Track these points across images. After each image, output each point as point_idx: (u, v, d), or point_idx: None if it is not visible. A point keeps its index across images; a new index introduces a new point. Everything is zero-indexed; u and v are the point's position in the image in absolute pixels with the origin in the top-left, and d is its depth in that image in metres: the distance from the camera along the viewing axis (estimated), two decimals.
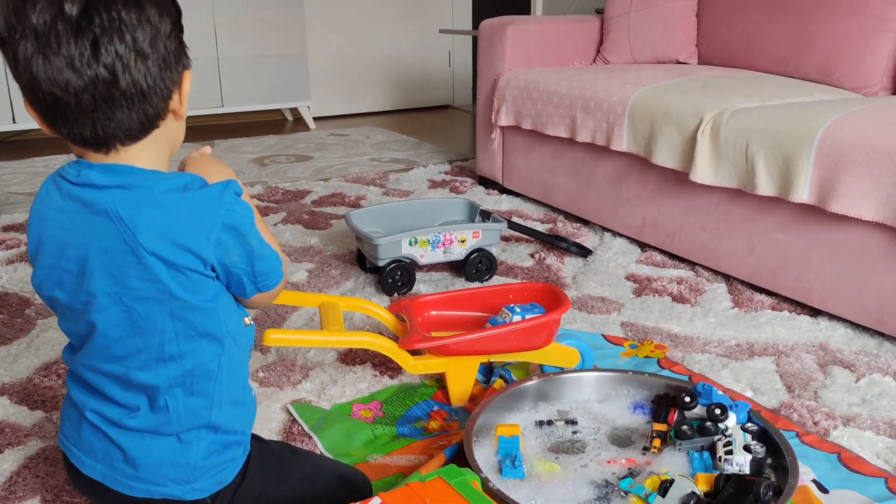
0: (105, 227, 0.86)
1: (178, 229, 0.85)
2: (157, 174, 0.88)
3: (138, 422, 0.91)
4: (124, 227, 0.85)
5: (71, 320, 0.92)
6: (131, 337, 0.89)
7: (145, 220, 0.85)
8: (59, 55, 0.79)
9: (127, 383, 0.91)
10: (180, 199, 0.86)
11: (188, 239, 0.86)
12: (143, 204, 0.85)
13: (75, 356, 0.94)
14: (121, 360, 0.90)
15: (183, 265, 0.86)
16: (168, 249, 0.85)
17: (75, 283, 0.88)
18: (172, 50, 0.86)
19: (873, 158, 1.49)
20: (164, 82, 0.86)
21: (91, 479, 0.94)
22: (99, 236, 0.86)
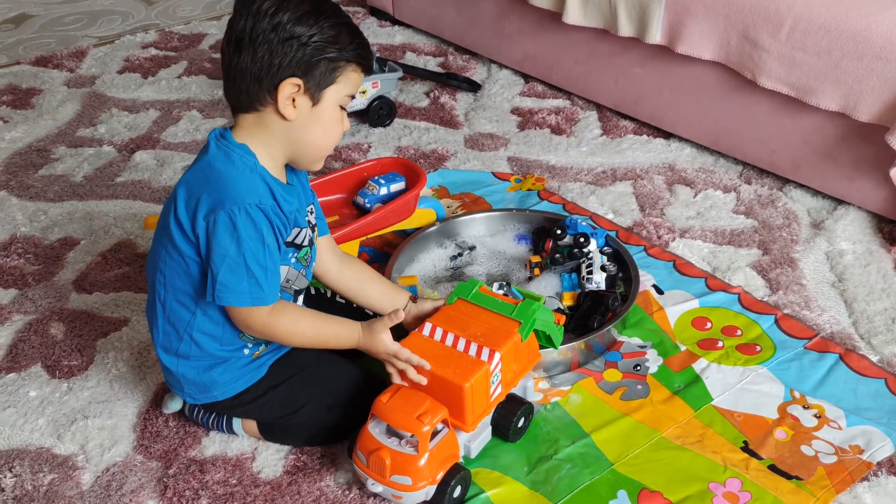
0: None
1: (198, 187, 1.06)
2: (232, 150, 1.06)
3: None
4: (190, 166, 1.10)
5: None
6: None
7: (193, 170, 1.08)
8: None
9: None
10: (220, 172, 1.05)
11: (203, 197, 1.05)
12: (203, 157, 1.08)
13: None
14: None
15: (182, 217, 1.06)
16: (185, 199, 1.06)
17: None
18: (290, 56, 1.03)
19: (710, 6, 1.74)
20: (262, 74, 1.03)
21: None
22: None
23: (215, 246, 1.04)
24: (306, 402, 1.17)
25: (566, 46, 2.14)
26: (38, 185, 1.87)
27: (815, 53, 1.61)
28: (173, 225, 1.08)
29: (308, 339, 1.14)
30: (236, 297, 1.06)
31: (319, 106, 1.08)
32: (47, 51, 2.55)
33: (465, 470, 1.11)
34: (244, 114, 1.08)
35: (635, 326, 1.42)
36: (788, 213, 1.72)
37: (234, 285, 1.05)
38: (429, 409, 1.08)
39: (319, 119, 1.09)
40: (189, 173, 1.10)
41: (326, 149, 1.13)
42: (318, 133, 1.10)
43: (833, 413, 1.25)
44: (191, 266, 1.09)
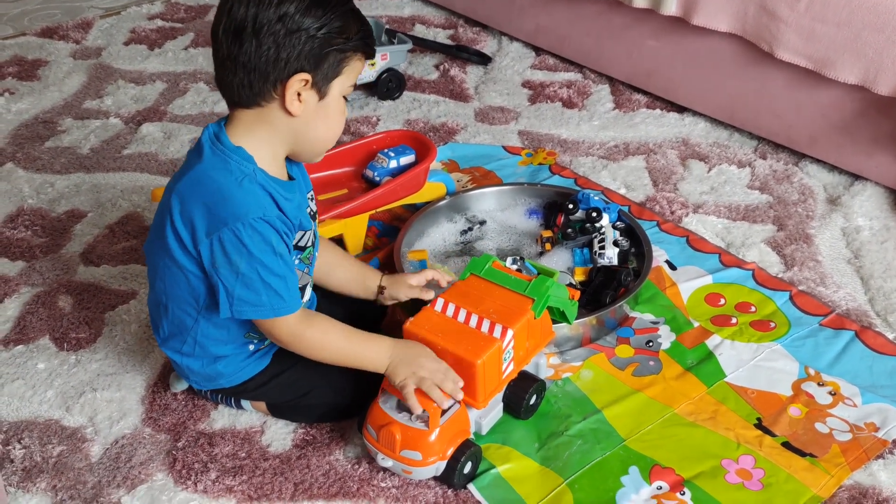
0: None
1: (195, 201, 1.01)
2: (228, 157, 1.01)
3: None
4: (183, 169, 1.06)
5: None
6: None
7: (186, 179, 1.03)
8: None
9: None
10: (216, 188, 1.00)
11: (197, 217, 1.01)
12: (199, 164, 1.03)
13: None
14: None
15: (183, 231, 1.02)
16: (179, 211, 1.02)
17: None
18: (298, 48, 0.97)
19: None
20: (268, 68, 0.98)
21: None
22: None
23: (224, 264, 1.01)
24: (313, 385, 1.16)
25: (579, 18, 2.11)
26: (44, 157, 1.85)
27: (834, 25, 1.58)
28: (171, 239, 1.04)
29: (337, 350, 1.09)
30: (257, 311, 1.03)
31: (326, 100, 1.03)
32: (53, 22, 2.52)
33: (475, 446, 1.10)
34: (244, 109, 1.03)
35: (648, 302, 1.40)
36: (804, 188, 1.69)
37: (252, 299, 1.02)
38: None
39: (325, 113, 1.04)
40: (183, 182, 1.03)
41: (330, 142, 1.09)
42: (323, 128, 1.05)
43: (848, 390, 1.24)
44: (192, 279, 1.06)
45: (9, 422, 1.22)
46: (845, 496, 1.09)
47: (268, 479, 1.12)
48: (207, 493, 1.11)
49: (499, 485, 1.10)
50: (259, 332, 1.11)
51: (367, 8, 2.60)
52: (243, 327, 1.11)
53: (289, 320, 1.05)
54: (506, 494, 1.09)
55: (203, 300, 1.08)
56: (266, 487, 1.11)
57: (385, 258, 1.50)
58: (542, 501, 1.08)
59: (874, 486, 1.10)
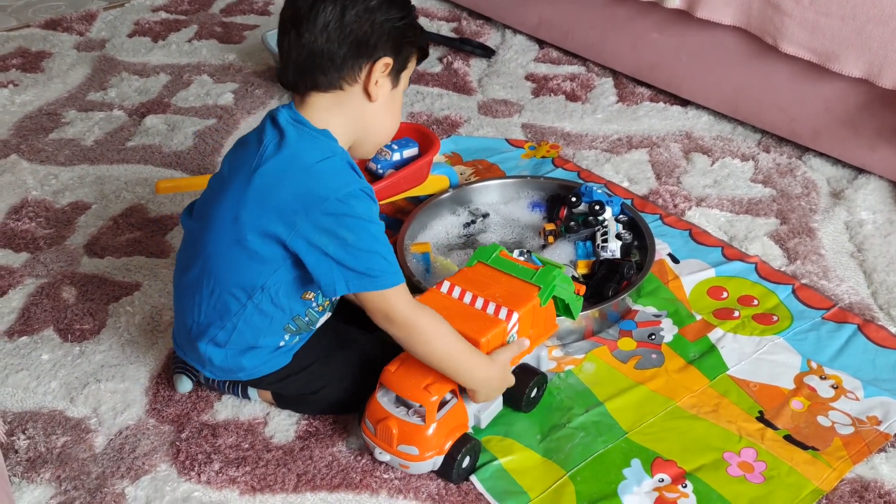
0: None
1: (288, 182, 1.01)
2: (316, 137, 1.02)
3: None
4: (260, 154, 1.03)
5: None
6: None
7: (273, 163, 1.02)
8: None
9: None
10: (311, 166, 1.01)
11: (290, 201, 1.00)
12: (286, 147, 1.02)
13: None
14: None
15: (270, 220, 1.01)
16: (268, 196, 1.01)
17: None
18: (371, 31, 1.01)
19: None
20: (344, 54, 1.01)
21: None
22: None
23: (330, 240, 0.99)
24: (325, 384, 1.16)
25: (582, 11, 2.10)
26: (48, 149, 1.85)
27: (839, 18, 1.57)
28: (250, 223, 1.02)
29: (447, 346, 1.05)
30: (374, 282, 1.00)
31: (397, 89, 1.08)
32: (57, 14, 2.52)
33: (474, 440, 1.10)
34: (321, 93, 1.04)
35: (650, 295, 1.41)
36: (807, 181, 1.69)
37: (367, 270, 1.00)
38: (437, 378, 1.07)
39: (394, 103, 1.09)
40: (270, 165, 1.02)
41: (390, 135, 1.12)
42: (390, 118, 1.09)
43: (850, 384, 1.24)
44: (256, 266, 1.04)
45: (13, 412, 1.22)
46: (847, 489, 1.09)
47: (271, 470, 1.13)
48: (211, 483, 1.11)
49: (501, 476, 1.11)
50: (299, 322, 1.10)
51: None
52: (288, 316, 1.09)
53: (404, 298, 1.03)
54: (508, 486, 1.10)
55: (262, 285, 1.05)
56: (269, 478, 1.12)
57: None
58: (544, 493, 1.09)
59: (876, 480, 1.10)
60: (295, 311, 1.10)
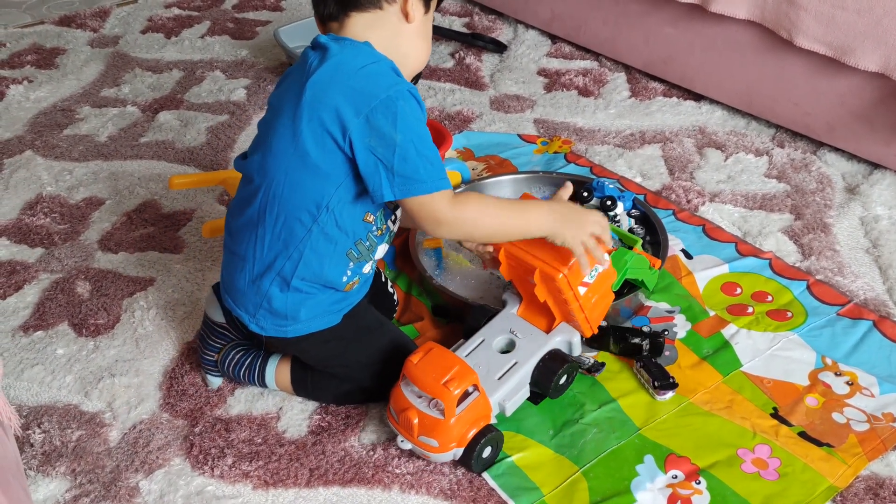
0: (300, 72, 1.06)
1: (338, 86, 1.01)
2: (359, 47, 1.04)
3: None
4: (306, 71, 1.04)
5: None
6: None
7: (321, 72, 1.02)
8: None
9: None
10: (358, 69, 1.01)
11: (341, 102, 1.00)
12: (331, 57, 1.03)
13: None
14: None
15: (325, 124, 1.01)
16: (320, 102, 1.01)
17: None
18: None
19: None
20: None
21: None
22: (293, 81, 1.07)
23: (380, 139, 1.00)
24: (353, 361, 1.17)
25: (595, 6, 2.09)
26: (62, 145, 1.87)
27: (854, 11, 1.56)
28: (308, 133, 1.02)
29: (499, 217, 1.08)
30: (419, 186, 1.01)
31: (427, 16, 1.08)
32: (71, 10, 2.54)
33: (496, 431, 1.10)
34: (359, 13, 1.06)
35: (663, 291, 1.40)
36: (822, 177, 1.68)
37: (412, 174, 1.00)
38: (457, 374, 1.06)
39: (425, 29, 1.09)
40: (319, 74, 1.02)
41: (421, 64, 1.12)
42: (422, 44, 1.09)
43: (866, 380, 1.23)
44: (321, 180, 1.04)
45: (28, 406, 1.23)
46: (862, 486, 1.08)
47: (283, 464, 1.13)
48: (224, 478, 1.12)
49: (513, 472, 1.11)
50: (361, 248, 1.11)
51: None
52: (351, 240, 1.09)
53: (447, 197, 1.03)
54: (520, 482, 1.09)
55: (327, 202, 1.05)
56: (282, 473, 1.12)
57: (401, 246, 1.50)
58: (556, 489, 1.09)
59: (891, 477, 1.09)
60: (357, 235, 1.10)
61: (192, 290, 1.44)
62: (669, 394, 1.20)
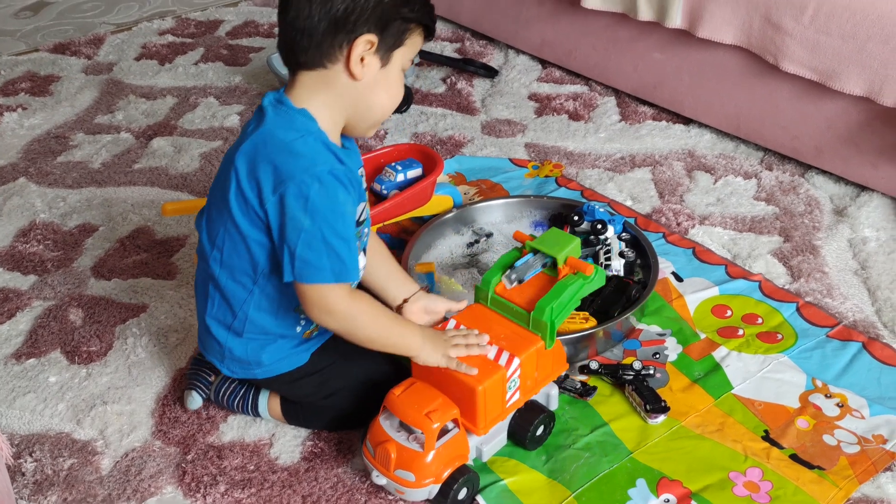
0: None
1: (261, 160, 1.01)
2: (293, 116, 1.02)
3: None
4: (243, 136, 1.06)
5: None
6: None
7: (250, 141, 1.03)
8: None
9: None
10: (283, 145, 1.01)
11: (262, 177, 1.01)
12: (263, 125, 1.04)
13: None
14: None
15: (248, 197, 1.02)
16: (246, 173, 1.03)
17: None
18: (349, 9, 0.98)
19: None
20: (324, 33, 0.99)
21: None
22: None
23: (289, 221, 0.99)
24: (336, 390, 1.17)
25: (584, 31, 2.12)
26: (56, 172, 1.87)
27: (839, 37, 1.59)
28: (235, 203, 1.04)
29: (382, 328, 1.08)
30: (318, 274, 1.01)
31: (388, 67, 1.04)
32: (65, 38, 2.56)
33: (472, 472, 1.09)
34: (307, 71, 1.04)
35: (654, 314, 1.41)
36: (810, 199, 1.70)
37: (314, 261, 1.00)
38: (439, 406, 1.06)
39: (386, 81, 1.05)
40: (248, 144, 1.04)
41: (386, 113, 1.09)
42: (383, 96, 1.06)
43: (856, 402, 1.24)
44: (252, 247, 1.06)
45: (20, 435, 1.23)
46: None
47: (276, 491, 1.13)
48: None
49: (506, 497, 1.11)
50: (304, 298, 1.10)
51: None
52: (295, 300, 1.08)
53: (345, 291, 1.03)
54: None
55: (262, 268, 1.07)
56: (274, 500, 1.12)
57: None
58: None
59: (882, 499, 1.10)
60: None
61: (185, 317, 1.44)
62: (661, 417, 1.21)
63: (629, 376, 1.26)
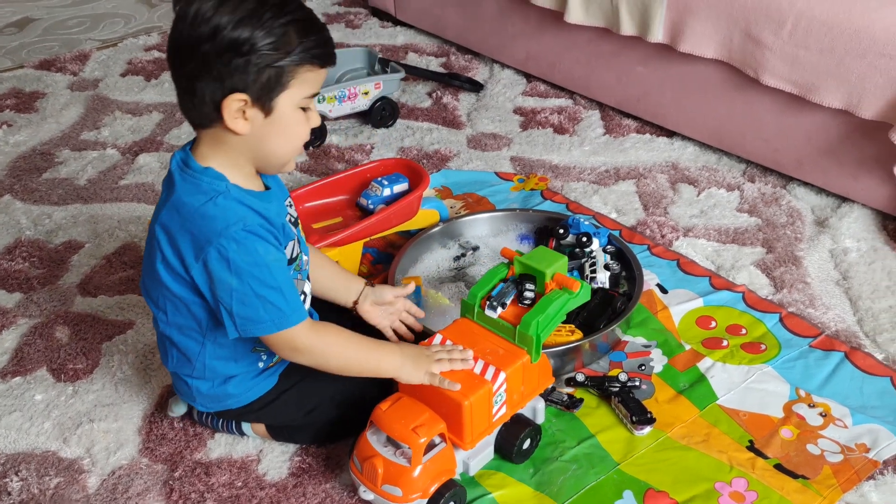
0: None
1: (176, 229, 1.02)
2: (199, 179, 1.01)
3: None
4: (159, 205, 1.05)
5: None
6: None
7: (165, 212, 1.03)
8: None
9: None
10: (194, 211, 1.00)
11: (183, 246, 1.01)
12: (174, 193, 1.03)
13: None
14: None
15: (174, 266, 1.03)
16: (167, 242, 1.03)
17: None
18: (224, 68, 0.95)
19: (712, 5, 1.74)
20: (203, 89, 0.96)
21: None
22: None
23: (217, 284, 1.00)
24: (318, 401, 1.17)
25: (568, 46, 2.14)
26: (42, 189, 1.87)
27: (817, 51, 1.61)
28: (163, 271, 1.05)
29: (352, 358, 1.09)
30: (260, 327, 1.02)
31: (274, 115, 0.99)
32: (50, 54, 2.56)
33: (459, 486, 1.09)
34: (202, 129, 1.02)
35: (639, 326, 1.42)
36: (792, 210, 1.72)
37: (252, 316, 1.01)
38: (426, 421, 1.07)
39: (277, 128, 1.00)
40: (164, 213, 1.04)
41: (291, 154, 1.05)
42: (278, 142, 1.01)
43: (839, 411, 1.25)
44: (191, 307, 1.07)
45: (6, 454, 1.22)
46: None
47: None
48: None
49: None
50: (265, 344, 1.11)
51: (361, 37, 2.64)
52: (250, 343, 1.11)
53: (296, 332, 1.04)
54: None
55: (206, 324, 1.08)
56: None
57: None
58: None
59: None
60: (255, 341, 1.11)
61: None
62: (647, 429, 1.22)
63: (615, 388, 1.27)
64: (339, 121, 2.13)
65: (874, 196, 1.67)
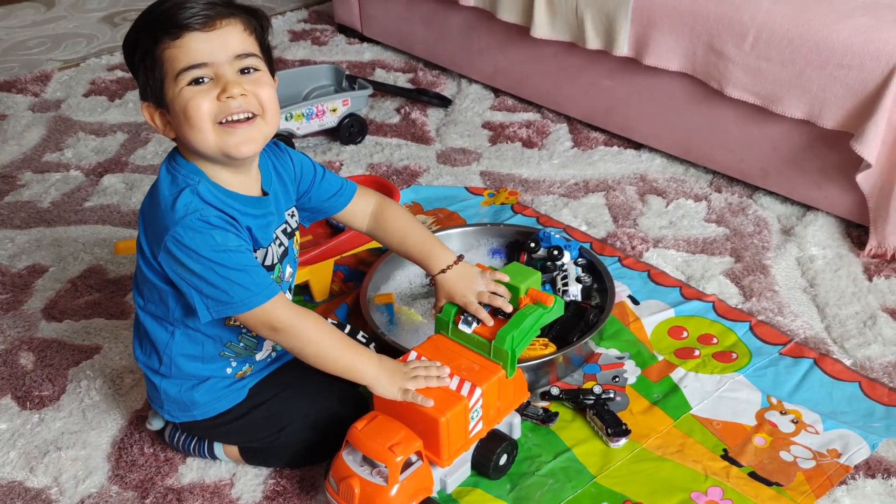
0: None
1: (148, 218, 1.05)
2: (175, 170, 1.05)
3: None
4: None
5: None
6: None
7: (145, 200, 1.08)
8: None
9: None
10: (161, 199, 1.03)
11: (150, 235, 1.04)
12: (155, 182, 1.07)
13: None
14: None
15: (147, 253, 1.06)
16: (143, 230, 1.07)
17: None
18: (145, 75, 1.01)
19: (676, 19, 1.76)
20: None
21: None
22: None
23: (182, 269, 1.01)
24: (290, 420, 1.15)
25: (535, 60, 2.16)
26: (4, 213, 1.83)
27: (779, 63, 1.64)
28: (140, 259, 1.09)
29: (328, 347, 1.07)
30: (230, 307, 1.02)
31: (171, 107, 0.99)
32: (11, 75, 2.52)
33: None
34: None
35: (612, 338, 1.43)
36: (759, 220, 1.74)
37: (221, 297, 1.01)
38: (402, 439, 1.06)
39: (179, 117, 0.99)
40: (144, 201, 1.09)
41: (211, 135, 0.99)
42: (187, 129, 0.99)
43: (810, 418, 1.26)
44: (163, 294, 1.08)
45: None
46: None
47: None
48: None
49: None
50: (235, 349, 1.12)
51: (328, 54, 2.64)
52: (218, 342, 1.11)
53: (272, 311, 1.03)
54: None
55: (177, 314, 1.08)
56: None
57: (353, 303, 1.51)
58: None
59: None
60: (225, 338, 1.11)
61: None
62: (623, 440, 1.22)
63: (590, 401, 1.27)
64: (308, 138, 2.12)
65: (838, 204, 1.70)
